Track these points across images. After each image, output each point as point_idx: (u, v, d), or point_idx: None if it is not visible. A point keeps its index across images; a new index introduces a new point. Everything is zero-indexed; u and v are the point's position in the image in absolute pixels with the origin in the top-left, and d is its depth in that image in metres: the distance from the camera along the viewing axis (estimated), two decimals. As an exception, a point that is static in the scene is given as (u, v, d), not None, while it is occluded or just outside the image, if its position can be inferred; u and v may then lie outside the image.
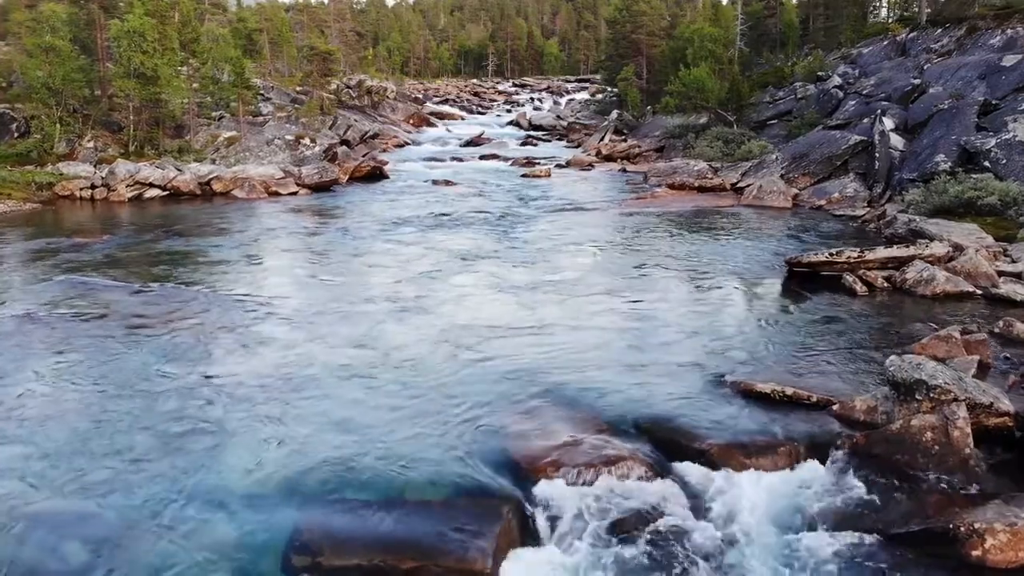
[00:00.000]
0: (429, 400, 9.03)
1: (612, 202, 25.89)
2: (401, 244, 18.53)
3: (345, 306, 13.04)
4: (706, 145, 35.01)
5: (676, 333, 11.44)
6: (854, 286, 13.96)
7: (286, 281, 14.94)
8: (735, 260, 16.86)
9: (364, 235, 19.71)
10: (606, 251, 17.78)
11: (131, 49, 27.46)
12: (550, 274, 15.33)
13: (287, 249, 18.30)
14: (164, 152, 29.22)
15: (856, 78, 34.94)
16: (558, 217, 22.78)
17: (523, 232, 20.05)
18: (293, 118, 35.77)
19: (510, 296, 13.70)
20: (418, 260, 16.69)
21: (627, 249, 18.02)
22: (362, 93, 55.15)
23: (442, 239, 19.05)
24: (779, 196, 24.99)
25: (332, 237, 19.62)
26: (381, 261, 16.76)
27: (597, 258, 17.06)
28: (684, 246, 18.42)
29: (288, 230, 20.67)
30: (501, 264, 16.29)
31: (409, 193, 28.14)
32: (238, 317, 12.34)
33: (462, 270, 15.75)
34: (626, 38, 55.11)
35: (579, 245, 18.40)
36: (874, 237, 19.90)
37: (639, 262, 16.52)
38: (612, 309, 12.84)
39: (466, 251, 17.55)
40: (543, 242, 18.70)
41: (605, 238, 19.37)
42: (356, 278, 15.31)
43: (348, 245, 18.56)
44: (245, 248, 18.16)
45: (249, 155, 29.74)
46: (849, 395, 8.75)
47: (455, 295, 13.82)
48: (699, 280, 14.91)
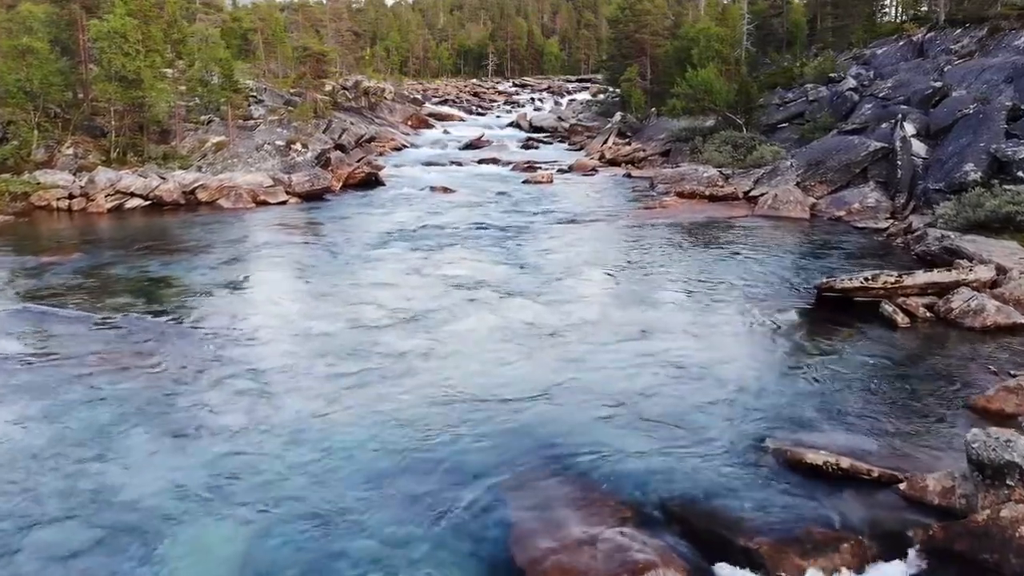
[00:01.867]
0: (418, 475, 7.65)
1: (619, 212, 24.50)
2: (393, 269, 16.86)
3: (326, 353, 11.44)
4: (714, 149, 33.60)
5: (700, 381, 10.05)
6: (894, 317, 12.58)
7: (261, 316, 13.33)
8: (757, 283, 15.48)
9: (353, 256, 18.13)
10: (615, 276, 16.26)
11: (112, 51, 26.05)
12: (556, 309, 13.66)
13: (267, 273, 16.74)
14: (148, 159, 27.83)
15: (871, 80, 33.54)
16: (562, 231, 21.39)
17: (525, 251, 18.58)
18: (285, 122, 34.35)
19: (510, 338, 12.13)
20: (410, 292, 14.87)
21: (638, 272, 16.56)
22: (359, 94, 53.78)
23: (437, 261, 17.44)
24: (796, 206, 23.60)
25: (318, 258, 18.06)
26: (369, 293, 14.90)
27: (606, 287, 15.48)
28: (700, 266, 17.03)
29: (271, 249, 19.17)
30: (501, 296, 14.57)
31: (405, 202, 26.75)
32: (205, 361, 10.89)
33: (459, 306, 13.85)
34: (629, 37, 53.68)
35: (586, 268, 16.84)
36: (902, 254, 18.54)
37: (652, 289, 15.05)
38: (626, 353, 11.35)
39: (463, 278, 15.88)
40: (547, 264, 17.19)
41: (614, 258, 17.91)
42: (342, 313, 13.55)
43: (334, 269, 16.94)
44: (222, 271, 16.65)
45: (237, 161, 28.35)
46: (917, 470, 7.37)
47: (450, 339, 12.11)
48: (721, 311, 13.50)
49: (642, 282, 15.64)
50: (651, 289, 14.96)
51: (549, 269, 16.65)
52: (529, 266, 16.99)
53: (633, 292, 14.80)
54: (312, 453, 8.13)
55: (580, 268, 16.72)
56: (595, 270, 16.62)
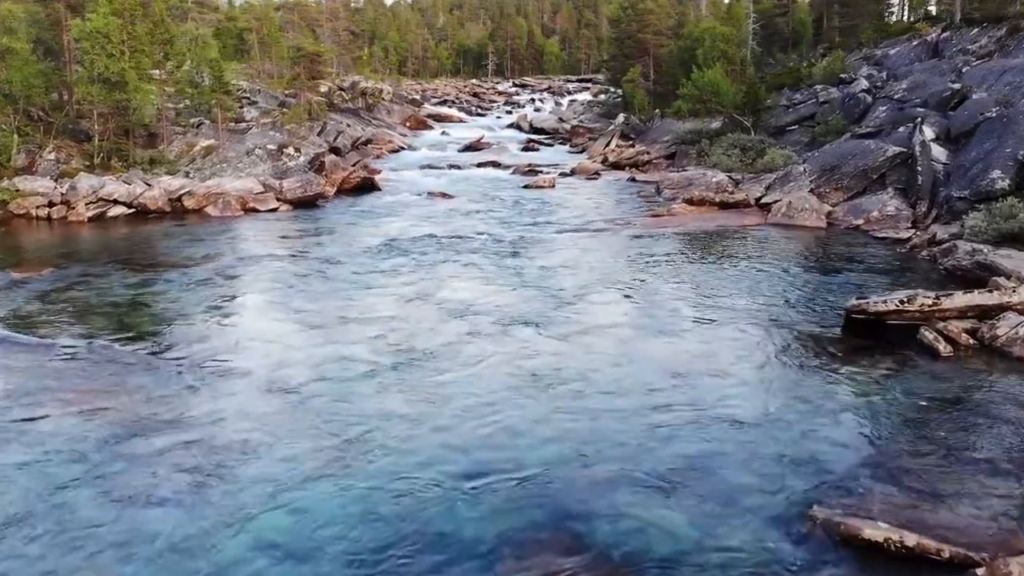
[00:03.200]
0: (403, 556, 6.51)
1: (625, 220, 23.35)
2: (385, 291, 15.42)
3: (303, 405, 9.89)
4: (722, 153, 32.46)
5: (730, 430, 8.89)
6: (935, 345, 11.45)
7: (237, 351, 11.97)
8: (780, 305, 14.34)
9: (341, 276, 16.69)
10: (628, 300, 14.98)
11: (95, 51, 24.89)
12: (566, 344, 12.25)
13: (248, 295, 15.37)
14: (134, 164, 26.67)
15: (884, 81, 32.40)
16: (567, 242, 20.24)
17: (528, 268, 17.31)
18: (279, 124, 33.21)
19: (516, 384, 10.59)
20: (403, 323, 13.15)
21: (651, 294, 15.26)
22: (356, 95, 52.63)
23: (433, 282, 16.06)
24: (811, 214, 22.47)
25: (304, 278, 16.62)
26: (358, 327, 13.05)
27: (619, 314, 14.14)
28: (716, 285, 15.87)
29: (255, 265, 17.87)
30: (505, 328, 13.02)
31: (401, 210, 25.60)
32: (167, 408, 9.66)
33: (457, 343, 12.18)
34: (631, 37, 52.52)
35: (595, 289, 15.53)
36: (928, 268, 17.41)
37: (668, 316, 13.76)
38: (644, 397, 10.09)
39: (462, 305, 14.38)
40: (552, 284, 15.87)
41: (624, 276, 16.64)
42: (326, 354, 11.79)
43: (321, 292, 15.54)
44: (201, 292, 15.36)
45: (227, 166, 27.20)
46: (995, 548, 6.25)
47: (447, 388, 10.37)
48: (745, 340, 12.33)
49: (656, 306, 14.38)
50: (667, 316, 13.69)
51: (555, 290, 15.34)
52: (533, 287, 15.67)
53: (648, 321, 13.51)
54: (277, 539, 6.96)
55: (589, 289, 15.39)
56: (605, 292, 15.30)
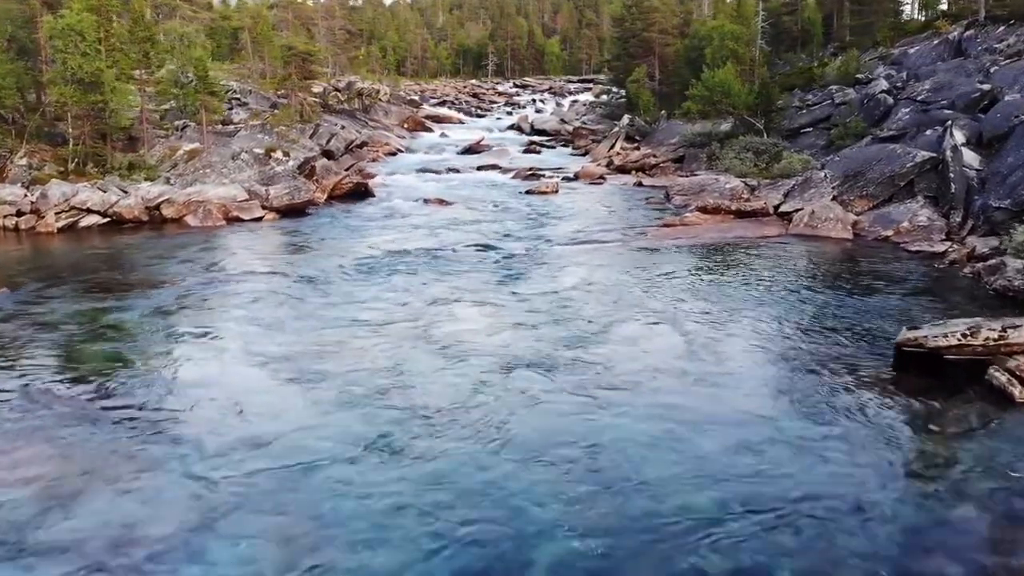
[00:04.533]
0: None
1: (636, 230, 21.74)
2: (372, 321, 13.57)
3: (265, 484, 8.17)
4: (734, 156, 30.89)
5: (793, 513, 7.28)
6: (1009, 389, 9.85)
7: (197, 399, 10.26)
8: (817, 333, 12.73)
9: (324, 301, 14.91)
10: (647, 328, 13.31)
11: (68, 50, 23.29)
12: (584, 395, 10.45)
13: (218, 324, 13.64)
14: (111, 169, 25.07)
15: (905, 81, 30.80)
16: (574, 256, 18.61)
17: (533, 289, 15.56)
18: (268, 127, 31.61)
19: (528, 456, 8.73)
20: (388, 366, 11.34)
21: (671, 323, 13.48)
22: (352, 96, 51.00)
23: (427, 308, 14.34)
24: (836, 224, 20.86)
25: (283, 303, 14.83)
26: (339, 371, 11.19)
27: (640, 352, 12.24)
28: (742, 309, 14.25)
29: (229, 284, 16.22)
30: (508, 372, 11.15)
31: (395, 219, 23.99)
32: (108, 473, 8.06)
33: (454, 394, 10.37)
34: (636, 36, 50.91)
35: (610, 318, 13.81)
36: (973, 287, 15.80)
37: (695, 352, 11.99)
38: (680, 463, 8.51)
39: (459, 340, 12.50)
40: (561, 311, 14.14)
41: (638, 299, 14.85)
42: (300, 410, 9.95)
43: (300, 321, 13.69)
44: (164, 318, 13.64)
45: (210, 172, 25.59)
46: None
47: (442, 468, 8.50)
48: (787, 384, 10.69)
49: (684, 344, 12.48)
50: (700, 358, 11.82)
51: (566, 322, 13.54)
52: (540, 317, 13.84)
53: (677, 364, 11.60)
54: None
55: (603, 321, 13.58)
56: (622, 324, 13.49)
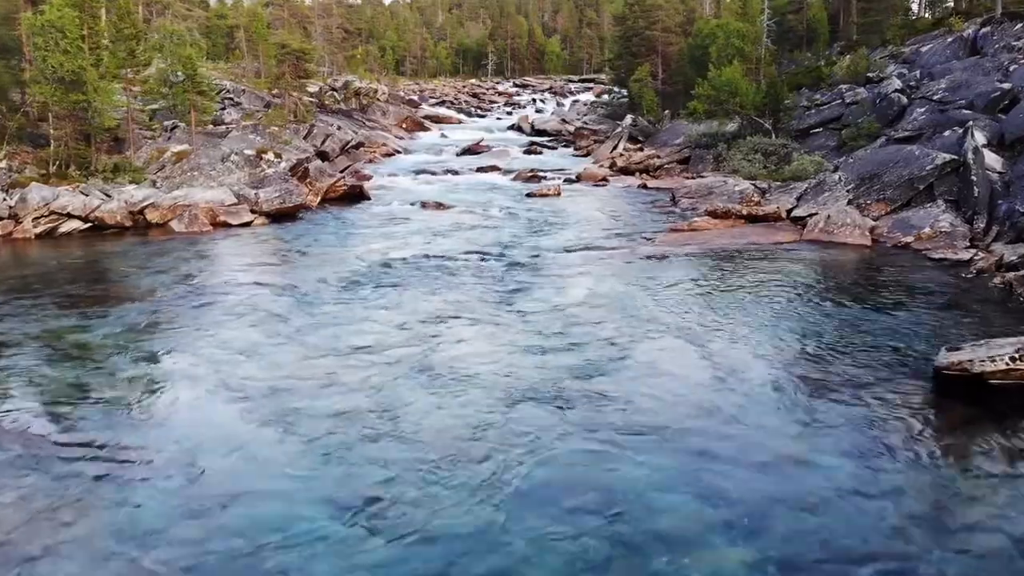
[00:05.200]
0: None
1: (643, 235, 20.70)
2: (357, 344, 12.28)
3: (240, 534, 7.21)
4: (742, 158, 29.91)
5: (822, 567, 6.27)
6: (1068, 421, 8.85)
7: (162, 430, 9.25)
8: (841, 350, 11.70)
9: (307, 319, 13.58)
10: (664, 350, 12.19)
11: (47, 47, 22.27)
12: (598, 438, 9.14)
13: (191, 344, 12.42)
14: (95, 172, 24.06)
15: (918, 80, 29.78)
16: (579, 266, 17.56)
17: (537, 305, 14.43)
18: (261, 127, 30.59)
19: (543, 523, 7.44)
20: (376, 404, 9.88)
21: (690, 339, 12.42)
22: (349, 95, 50.02)
23: (421, 328, 13.10)
24: (853, 231, 19.83)
25: (261, 323, 13.51)
26: (312, 409, 9.75)
27: (656, 379, 11.04)
28: (761, 324, 13.22)
29: (206, 298, 15.02)
30: (513, 407, 9.84)
31: (390, 224, 22.96)
32: (62, 519, 7.05)
33: (450, 429, 9.15)
34: (638, 35, 49.91)
35: (619, 336, 12.68)
36: (1005, 299, 14.74)
37: (723, 376, 10.82)
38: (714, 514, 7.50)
39: (456, 368, 11.21)
40: (569, 332, 12.93)
41: (651, 314, 13.72)
42: (272, 465, 8.52)
43: (277, 344, 12.38)
44: (136, 336, 12.60)
45: (198, 174, 24.56)
46: None
47: (439, 526, 7.31)
48: (811, 408, 9.66)
49: (699, 362, 11.35)
50: (718, 380, 10.64)
51: (575, 344, 12.29)
52: (547, 338, 12.57)
53: (694, 390, 10.44)
54: None
55: (616, 341, 12.38)
56: (637, 344, 12.24)
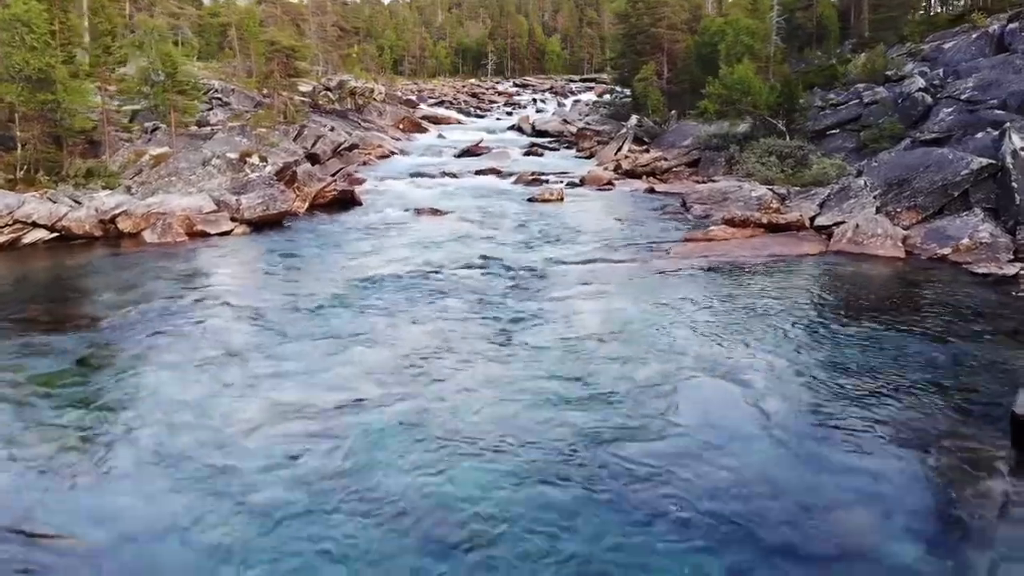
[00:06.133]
0: None
1: (656, 247, 19.07)
2: (333, 386, 10.54)
3: None
4: (756, 160, 28.26)
5: None
6: None
7: (87, 496, 7.79)
8: (898, 390, 10.08)
9: (280, 348, 11.97)
10: (689, 385, 10.64)
11: (12, 44, 20.64)
12: (623, 520, 7.59)
13: (136, 380, 10.72)
14: (67, 177, 22.43)
15: (942, 79, 28.16)
16: (589, 283, 15.86)
17: (543, 334, 12.70)
18: (248, 129, 28.97)
19: None
20: (349, 472, 8.14)
21: (717, 372, 10.89)
22: (344, 95, 48.42)
23: (407, 359, 11.44)
24: (885, 241, 18.21)
25: (225, 350, 11.87)
26: (282, 474, 8.12)
27: (690, 438, 9.27)
28: (801, 355, 11.59)
29: (170, 321, 13.26)
30: (520, 480, 7.91)
31: (382, 233, 21.33)
32: None
33: (439, 528, 7.28)
34: (643, 32, 48.24)
35: (640, 375, 11.03)
36: (1067, 321, 13.16)
37: (755, 423, 9.28)
38: None
39: (451, 414, 9.54)
40: (582, 371, 11.22)
41: (673, 343, 12.07)
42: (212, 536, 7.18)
43: (244, 377, 10.83)
44: (76, 372, 10.96)
45: (176, 179, 22.92)
46: None
47: None
48: (885, 470, 8.05)
49: (746, 413, 9.62)
50: (771, 438, 8.90)
51: (591, 385, 10.58)
52: (559, 378, 10.79)
53: (745, 455, 8.64)
54: None
55: (640, 381, 10.70)
56: (666, 387, 10.49)
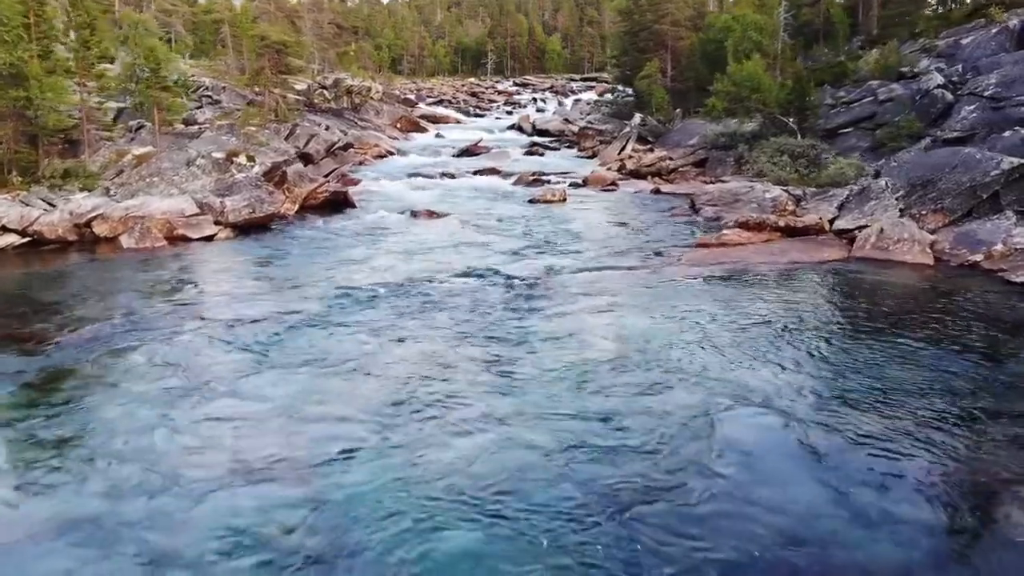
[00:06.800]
0: None
1: (665, 253, 17.86)
2: (307, 424, 9.40)
3: None
4: (767, 160, 27.06)
5: None
6: None
7: None
8: (947, 416, 8.90)
9: (255, 374, 10.77)
10: (723, 421, 9.42)
11: (-18, 36, 19.50)
12: None
13: (90, 409, 9.67)
14: (42, 178, 21.23)
15: (961, 75, 26.97)
16: (598, 294, 14.64)
17: (552, 352, 11.59)
18: (237, 128, 27.77)
19: None
20: (323, 542, 6.99)
21: (749, 396, 9.75)
22: (340, 94, 47.23)
23: (397, 391, 10.20)
24: (912, 247, 17.00)
25: (183, 386, 10.46)
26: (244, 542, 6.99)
27: (727, 482, 8.14)
28: (837, 376, 10.43)
29: (127, 343, 11.95)
30: (535, 553, 6.82)
31: (376, 237, 20.12)
32: None
33: None
34: (646, 29, 47.03)
35: (667, 401, 9.91)
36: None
37: (807, 464, 8.08)
38: None
39: (446, 464, 8.26)
40: (597, 401, 10.05)
41: (699, 367, 10.87)
42: None
43: (209, 412, 9.63)
44: (27, 401, 9.83)
45: (159, 180, 21.70)
46: None
47: None
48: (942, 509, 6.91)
49: (795, 453, 8.46)
50: (839, 499, 7.76)
51: (616, 422, 9.32)
52: (573, 416, 9.45)
53: (806, 521, 7.74)
54: None
55: (665, 415, 9.45)
56: (704, 421, 9.33)
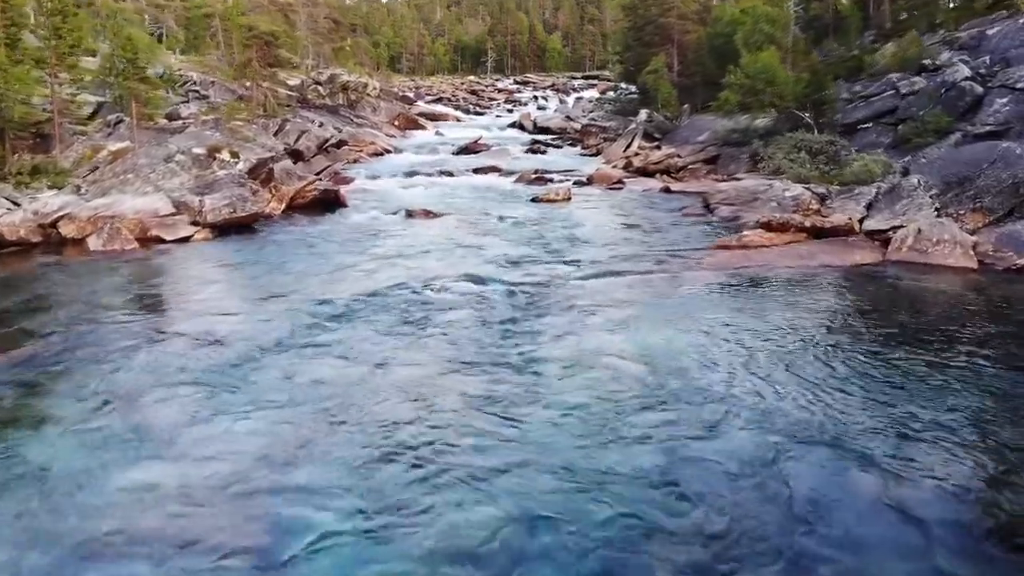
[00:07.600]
0: None
1: (681, 256, 16.32)
2: (282, 470, 7.85)
3: None
4: (783, 157, 25.55)
5: None
6: None
7: None
8: None
9: (220, 403, 9.21)
10: (780, 457, 7.85)
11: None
12: None
13: (23, 454, 8.10)
14: (8, 175, 19.74)
15: (989, 67, 25.43)
16: (610, 303, 13.06)
17: (562, 381, 9.81)
18: (222, 122, 26.28)
19: None
20: None
21: (808, 433, 8.17)
22: (336, 90, 45.75)
23: (376, 448, 8.21)
24: (954, 249, 15.46)
25: (143, 410, 9.00)
26: None
27: None
28: (898, 406, 8.91)
29: (78, 363, 10.43)
30: None
31: (367, 239, 18.59)
32: None
33: None
34: (652, 23, 45.56)
35: (711, 441, 8.31)
36: None
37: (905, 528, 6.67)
38: None
39: (440, 535, 6.66)
40: (626, 444, 8.28)
41: (736, 390, 9.32)
42: None
43: (169, 453, 8.09)
44: None
45: (134, 177, 20.20)
46: None
47: None
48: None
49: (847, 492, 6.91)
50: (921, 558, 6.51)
51: (639, 464, 7.71)
52: (606, 473, 7.56)
53: None
54: None
55: (721, 463, 7.72)
56: (758, 470, 7.60)
